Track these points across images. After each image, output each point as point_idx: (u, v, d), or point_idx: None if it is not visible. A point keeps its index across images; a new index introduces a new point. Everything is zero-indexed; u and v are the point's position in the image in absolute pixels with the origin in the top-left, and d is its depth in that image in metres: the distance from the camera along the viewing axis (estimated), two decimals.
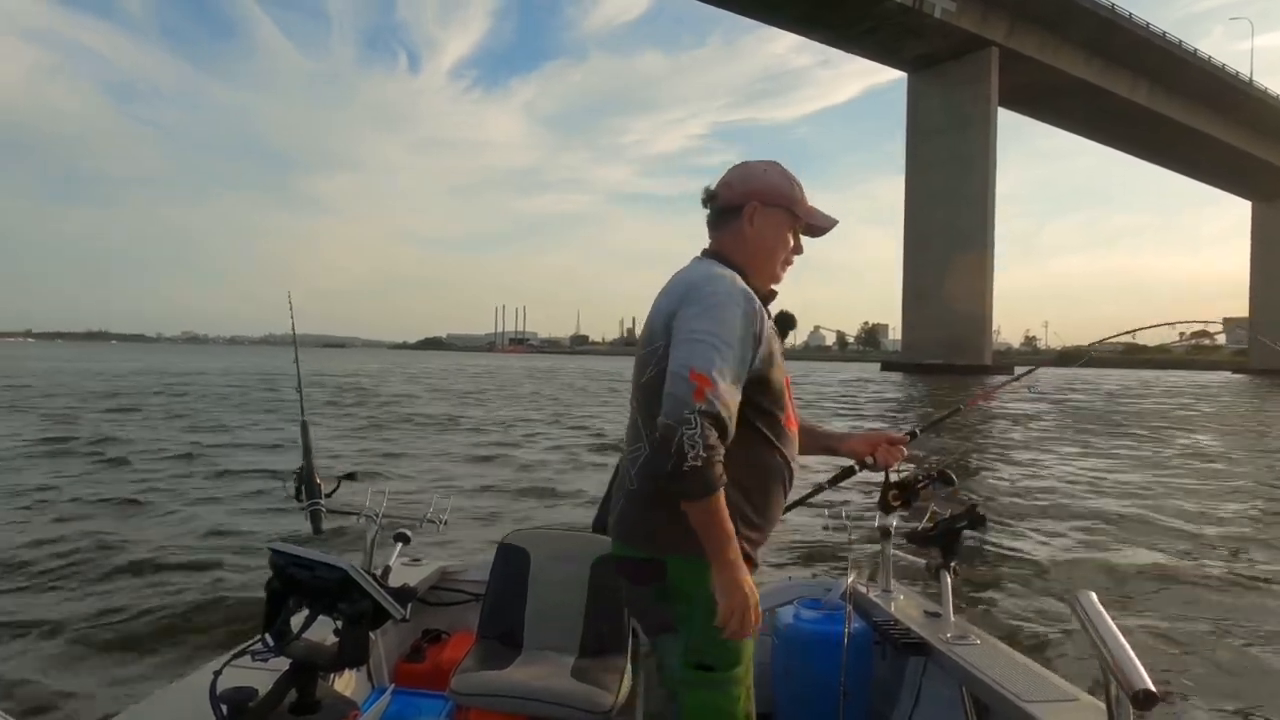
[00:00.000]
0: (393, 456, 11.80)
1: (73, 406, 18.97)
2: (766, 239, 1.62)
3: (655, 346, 1.50)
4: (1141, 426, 19.49)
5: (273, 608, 1.61)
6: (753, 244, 1.61)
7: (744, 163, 1.68)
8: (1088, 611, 1.25)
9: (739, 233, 1.61)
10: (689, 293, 1.48)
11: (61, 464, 10.09)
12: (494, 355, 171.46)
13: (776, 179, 1.63)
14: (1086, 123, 71.11)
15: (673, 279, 1.59)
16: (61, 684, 3.62)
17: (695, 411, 1.30)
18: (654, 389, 1.45)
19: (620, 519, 1.59)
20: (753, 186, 1.62)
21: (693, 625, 1.46)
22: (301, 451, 2.23)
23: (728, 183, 1.65)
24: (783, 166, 1.66)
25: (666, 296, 1.54)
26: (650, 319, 1.56)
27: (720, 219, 1.64)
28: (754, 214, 1.60)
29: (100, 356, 74.44)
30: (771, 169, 1.65)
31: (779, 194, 1.62)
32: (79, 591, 5.01)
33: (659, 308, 1.54)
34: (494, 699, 2.00)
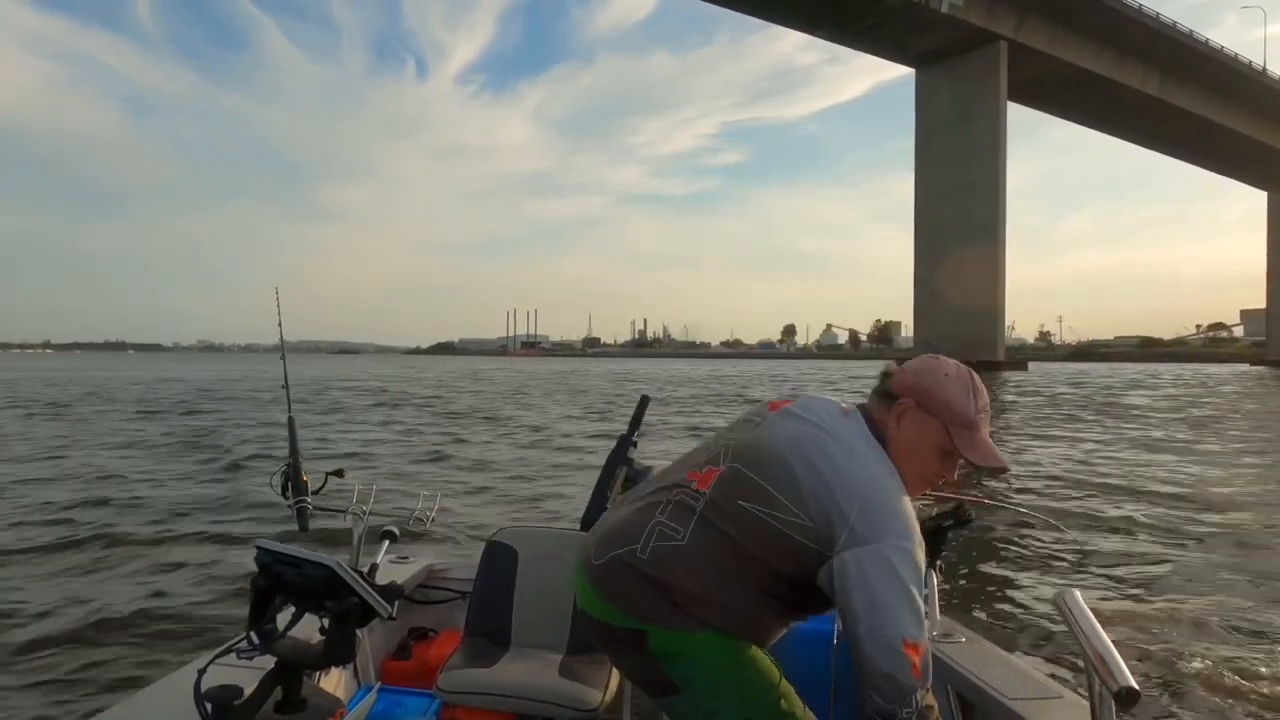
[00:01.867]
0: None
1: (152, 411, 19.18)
2: (909, 443, 1.45)
3: (798, 515, 1.36)
4: (1132, 420, 19.31)
5: (258, 605, 1.62)
6: (897, 443, 1.45)
7: (939, 358, 1.52)
8: (1072, 610, 1.26)
9: (888, 422, 1.47)
10: (886, 521, 1.33)
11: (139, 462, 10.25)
12: (507, 359, 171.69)
13: (951, 390, 1.45)
14: (1098, 116, 70.51)
15: (844, 452, 1.40)
16: (42, 682, 3.66)
17: (917, 701, 1.25)
18: (762, 531, 1.37)
19: (611, 577, 1.45)
20: (921, 382, 1.47)
21: (702, 686, 1.39)
22: (288, 448, 2.23)
23: (908, 367, 1.52)
24: (974, 381, 1.48)
25: (839, 483, 1.36)
26: (798, 472, 1.38)
27: (882, 398, 1.51)
28: (905, 411, 1.46)
29: (129, 365, 75.15)
30: (957, 377, 1.47)
31: (942, 405, 1.44)
32: (60, 587, 5.06)
33: (825, 486, 1.36)
34: (481, 697, 2.01)
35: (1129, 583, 5.39)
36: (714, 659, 1.38)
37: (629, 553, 1.43)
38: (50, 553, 5.93)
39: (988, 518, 7.40)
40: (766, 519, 1.37)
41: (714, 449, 1.53)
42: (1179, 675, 3.82)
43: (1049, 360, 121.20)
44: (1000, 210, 59.18)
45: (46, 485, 9.00)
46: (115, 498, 8.25)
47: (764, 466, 1.41)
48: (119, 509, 7.71)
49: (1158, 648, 4.16)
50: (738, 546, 1.39)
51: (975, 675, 1.94)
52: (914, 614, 1.28)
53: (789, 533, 1.36)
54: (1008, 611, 4.76)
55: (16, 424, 16.45)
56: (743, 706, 1.38)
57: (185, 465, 10.83)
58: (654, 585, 1.39)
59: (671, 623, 1.38)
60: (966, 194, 59.20)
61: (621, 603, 1.43)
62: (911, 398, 1.46)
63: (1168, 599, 5.03)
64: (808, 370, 66.98)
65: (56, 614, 4.53)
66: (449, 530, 6.48)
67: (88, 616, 4.50)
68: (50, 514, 7.39)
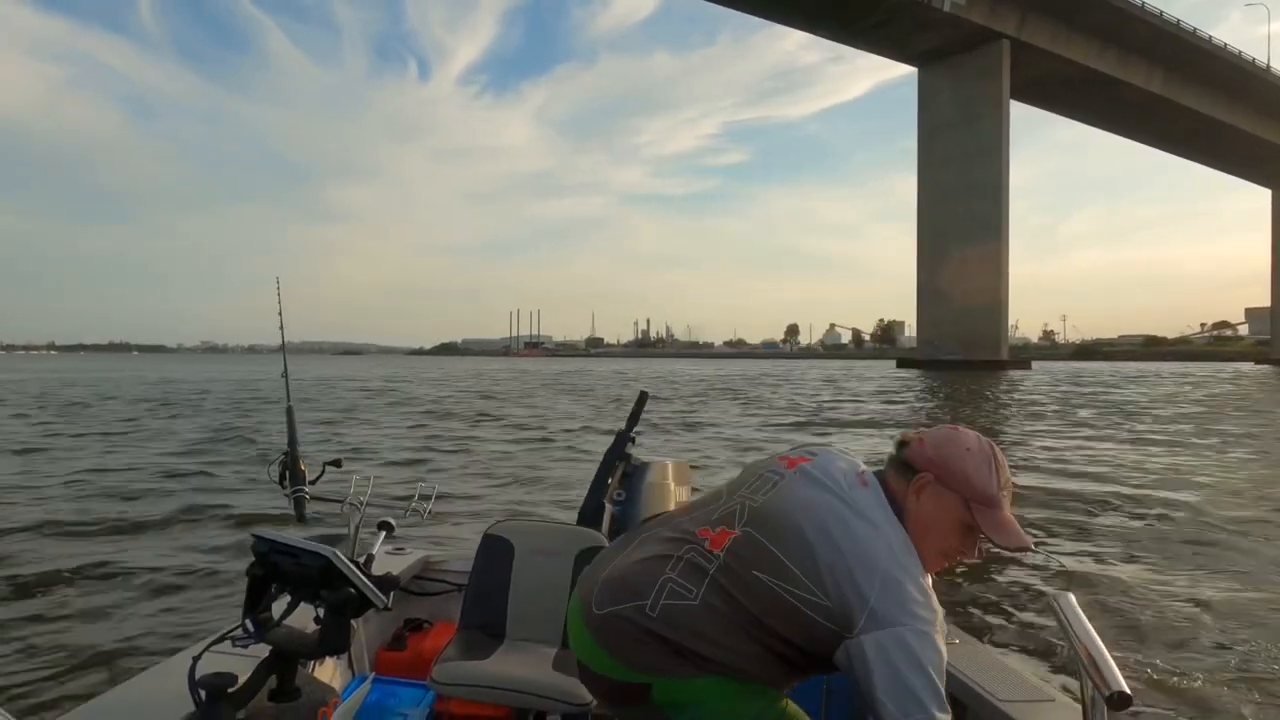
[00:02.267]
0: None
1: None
2: (928, 519, 1.40)
3: (813, 592, 1.32)
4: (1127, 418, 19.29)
5: (254, 594, 1.63)
6: (916, 518, 1.40)
7: (959, 429, 1.47)
8: (1066, 613, 1.26)
9: (903, 494, 1.42)
10: (906, 604, 1.29)
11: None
12: (510, 359, 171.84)
13: (972, 464, 1.39)
14: (1102, 114, 70.43)
15: (863, 530, 1.36)
16: (38, 666, 3.69)
17: None
18: (770, 600, 1.33)
19: (615, 631, 1.38)
20: (942, 456, 1.41)
21: None
22: (286, 438, 2.25)
23: (926, 439, 1.46)
24: (996, 455, 1.42)
25: (858, 563, 1.32)
26: (817, 548, 1.34)
27: (895, 466, 1.46)
28: (924, 486, 1.40)
29: (133, 367, 75.28)
30: (978, 450, 1.41)
31: (963, 481, 1.38)
32: (57, 575, 5.11)
33: (844, 563, 1.32)
34: (475, 689, 2.01)
35: (1122, 585, 5.39)
36: (718, 703, 1.35)
37: (636, 609, 1.37)
38: (56, 540, 6.00)
39: None
40: (781, 592, 1.33)
41: (728, 506, 1.48)
42: (1172, 678, 3.82)
43: (1053, 359, 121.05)
44: (1003, 209, 59.14)
45: (60, 478, 9.05)
46: (131, 488, 8.36)
47: (780, 537, 1.37)
48: (133, 498, 7.82)
49: (1151, 651, 4.16)
50: (750, 614, 1.35)
51: (968, 676, 1.93)
52: (937, 698, 1.25)
53: (805, 610, 1.32)
54: (1001, 613, 4.75)
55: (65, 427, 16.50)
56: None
57: (205, 459, 10.95)
58: (660, 640, 1.35)
59: (676, 672, 1.34)
60: (969, 193, 59.17)
61: (623, 656, 1.37)
62: (931, 472, 1.40)
63: (1162, 601, 5.02)
64: (811, 369, 66.92)
65: (49, 598, 4.59)
66: (446, 522, 6.51)
67: (81, 601, 4.55)
68: (68, 503, 7.50)
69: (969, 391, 31.38)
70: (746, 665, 1.36)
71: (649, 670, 1.35)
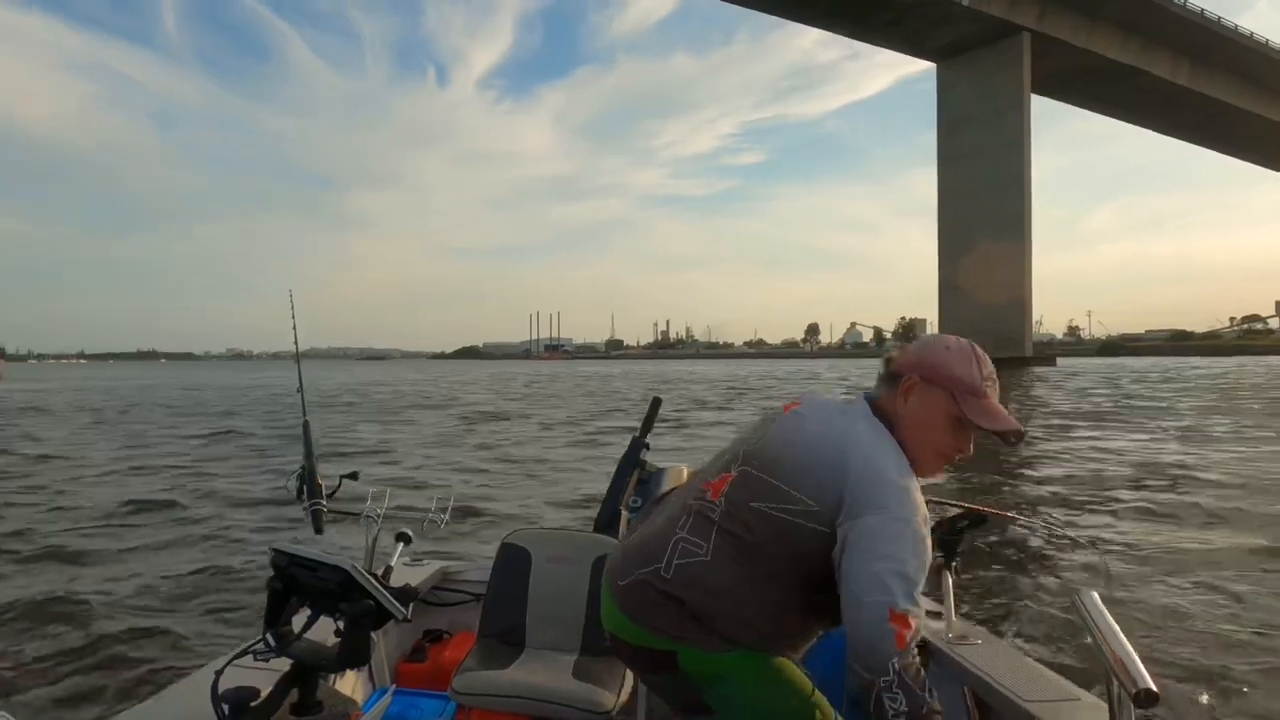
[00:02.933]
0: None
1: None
2: (917, 419, 1.44)
3: (806, 502, 1.36)
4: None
5: (274, 608, 1.65)
6: (906, 421, 1.45)
7: (939, 335, 1.53)
8: (1090, 610, 1.25)
9: (893, 400, 1.47)
10: (883, 493, 1.33)
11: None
12: (531, 363, 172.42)
13: (954, 360, 1.45)
14: (1126, 106, 69.41)
15: (844, 434, 1.41)
16: (62, 683, 3.74)
17: (897, 668, 1.21)
18: (776, 528, 1.37)
19: (637, 598, 1.44)
20: (924, 358, 1.47)
21: (738, 703, 1.38)
22: (304, 451, 2.26)
23: (908, 348, 1.52)
24: (976, 351, 1.47)
25: (840, 463, 1.37)
26: (802, 461, 1.40)
27: (888, 382, 1.50)
28: (911, 388, 1.45)
29: (167, 374, 76.43)
30: (957, 351, 1.46)
31: (947, 376, 1.43)
32: (81, 589, 5.17)
33: (827, 467, 1.37)
34: (495, 699, 2.02)
35: (1149, 581, 5.31)
36: (748, 680, 1.38)
37: (653, 573, 1.42)
38: (78, 552, 6.10)
39: (1002, 519, 7.30)
40: (779, 515, 1.37)
41: (726, 456, 1.53)
42: (1199, 676, 3.76)
43: (1078, 355, 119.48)
44: (1025, 204, 58.46)
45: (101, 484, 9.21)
46: (162, 498, 8.50)
47: (772, 465, 1.42)
48: (162, 509, 7.94)
49: (1178, 648, 4.10)
50: (758, 552, 1.38)
51: (991, 677, 1.92)
52: (906, 585, 1.26)
53: (801, 523, 1.36)
54: (1024, 613, 4.70)
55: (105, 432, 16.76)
56: (768, 703, 1.38)
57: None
58: (678, 604, 1.38)
59: (700, 642, 1.37)
60: (991, 188, 58.57)
61: (647, 622, 1.42)
62: (916, 373, 1.46)
63: (1191, 597, 4.95)
64: (830, 370, 66.52)
65: (74, 614, 4.64)
66: (462, 532, 6.53)
67: (105, 617, 4.61)
68: (94, 514, 7.63)
69: None
70: (759, 622, 1.39)
71: (671, 636, 1.39)
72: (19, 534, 6.84)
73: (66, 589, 5.17)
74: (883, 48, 62.87)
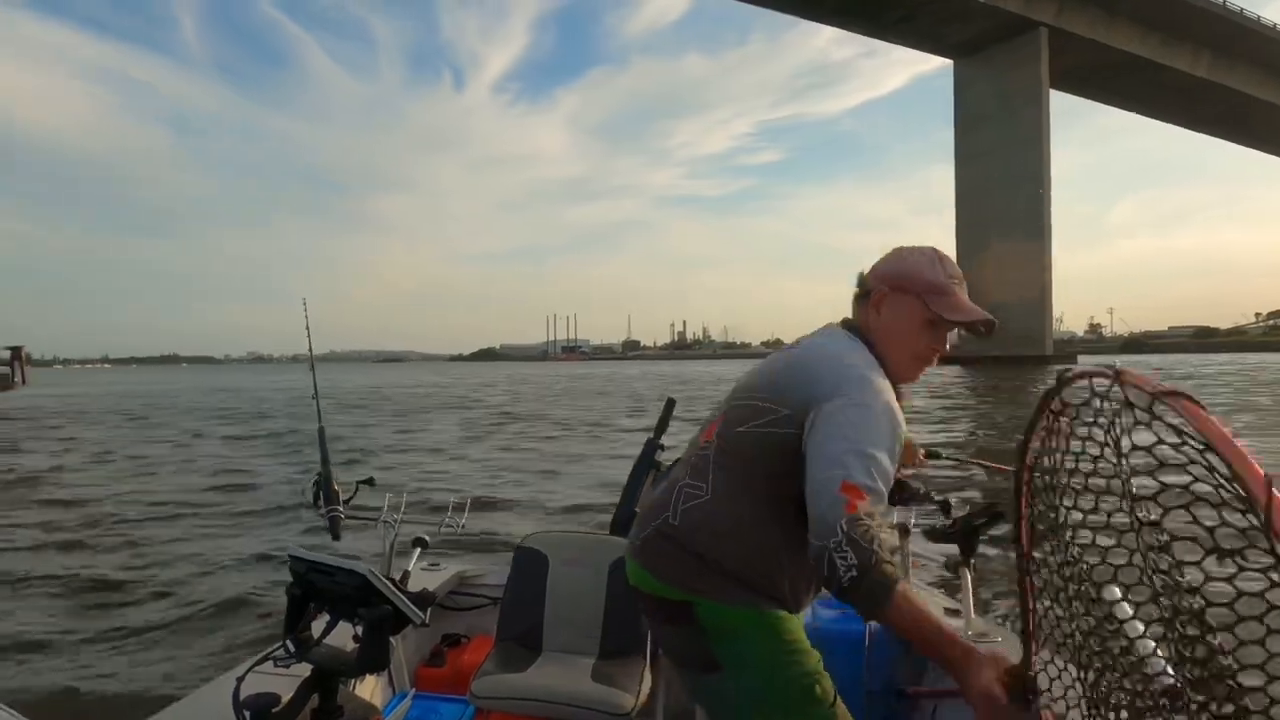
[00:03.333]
0: None
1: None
2: (890, 327, 1.50)
3: (778, 409, 1.41)
4: None
5: (293, 614, 1.66)
6: (880, 332, 1.50)
7: (899, 247, 1.58)
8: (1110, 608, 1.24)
9: (871, 315, 1.53)
10: (842, 381, 1.37)
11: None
12: (548, 364, 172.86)
13: (917, 265, 1.51)
14: (1146, 100, 68.63)
15: (815, 347, 1.50)
16: (85, 691, 3.79)
17: (845, 528, 1.20)
18: (757, 445, 1.42)
19: (650, 550, 1.51)
20: (889, 268, 1.53)
21: (743, 662, 1.41)
22: (320, 458, 2.28)
23: (878, 264, 1.56)
24: (938, 254, 1.53)
25: (808, 363, 1.45)
26: (783, 374, 1.47)
27: (859, 301, 1.56)
28: (881, 299, 1.51)
29: (196, 379, 77.35)
30: (920, 255, 1.52)
31: (913, 280, 1.49)
32: (101, 595, 5.27)
33: (799, 368, 1.45)
34: (514, 702, 2.03)
35: None
36: (759, 637, 1.41)
37: (663, 522, 1.49)
38: (93, 560, 6.20)
39: None
40: (762, 431, 1.42)
41: (719, 404, 1.60)
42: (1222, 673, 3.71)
43: (1099, 353, 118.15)
44: (1045, 200, 57.94)
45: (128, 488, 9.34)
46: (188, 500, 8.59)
47: (752, 390, 1.50)
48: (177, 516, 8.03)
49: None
50: (751, 480, 1.43)
51: None
52: (862, 462, 1.26)
53: (778, 431, 1.40)
54: None
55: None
56: (786, 688, 1.40)
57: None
58: (689, 551, 1.44)
59: (715, 594, 1.41)
60: (1009, 185, 58.11)
61: (659, 573, 1.48)
62: (884, 284, 1.51)
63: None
64: None
65: (97, 623, 4.71)
66: (479, 536, 6.54)
67: (128, 626, 4.66)
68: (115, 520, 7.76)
69: (1012, 387, 30.77)
70: (761, 562, 1.42)
71: (684, 587, 1.44)
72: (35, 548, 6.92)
73: (87, 597, 5.25)
74: (900, 45, 62.53)
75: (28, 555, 6.46)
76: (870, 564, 1.17)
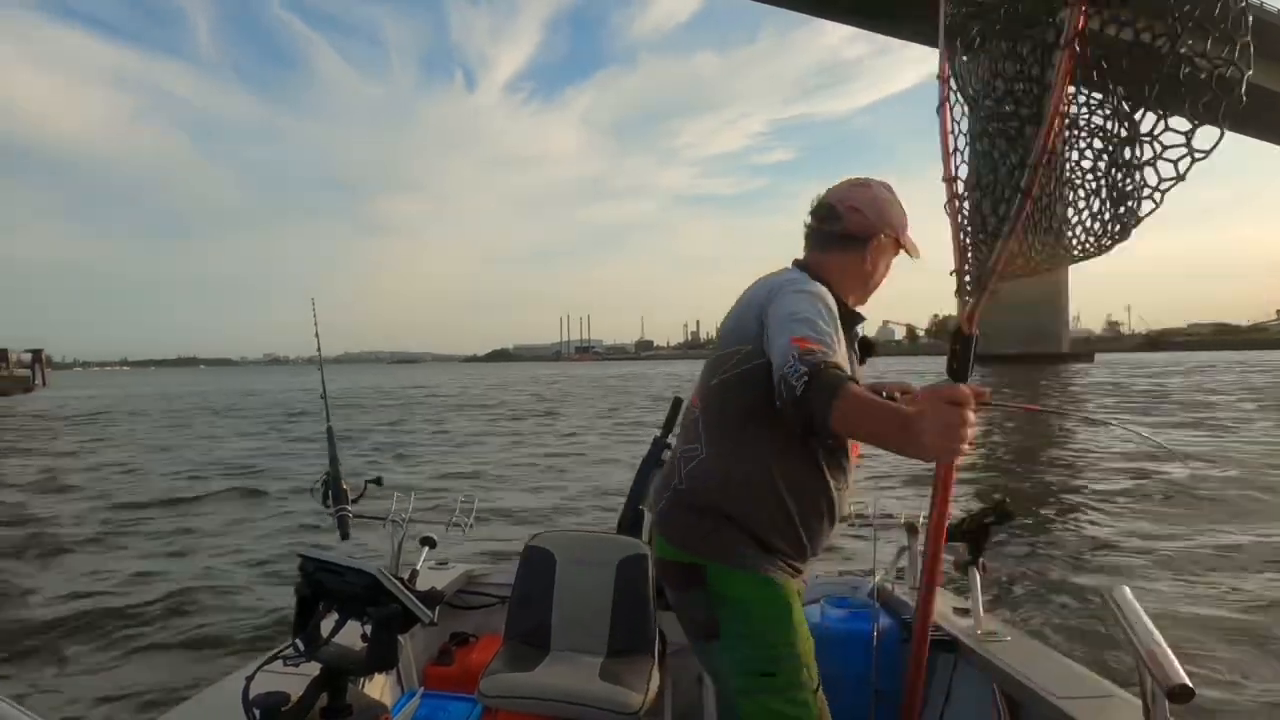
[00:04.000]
0: None
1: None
2: (879, 271, 1.61)
3: (740, 348, 1.49)
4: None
5: (302, 613, 1.67)
6: (866, 276, 1.60)
7: (866, 183, 1.62)
8: (1123, 607, 1.24)
9: (855, 262, 1.57)
10: (782, 288, 1.47)
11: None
12: (562, 365, 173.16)
13: (894, 209, 1.61)
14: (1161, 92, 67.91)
15: (760, 282, 1.57)
16: (96, 690, 3.83)
17: (795, 357, 1.25)
18: (731, 388, 1.49)
19: (665, 518, 1.58)
20: (882, 217, 1.58)
21: (741, 632, 1.45)
22: (328, 458, 2.30)
23: (856, 207, 1.57)
24: (888, 185, 1.64)
25: (755, 296, 1.52)
26: (738, 316, 1.54)
27: (836, 242, 1.58)
28: (879, 247, 1.58)
29: (216, 380, 78.10)
30: (891, 195, 1.61)
31: (897, 226, 1.60)
32: (113, 599, 5.29)
33: (748, 305, 1.52)
34: (522, 700, 2.04)
35: (1181, 578, 5.21)
36: (761, 609, 1.46)
37: (674, 490, 1.56)
38: (103, 564, 6.27)
39: (1030, 514, 7.19)
40: (735, 375, 1.49)
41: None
42: (1235, 672, 3.68)
43: (1117, 351, 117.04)
44: None
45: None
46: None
47: (718, 348, 1.58)
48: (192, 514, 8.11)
49: (1212, 643, 4.03)
50: (737, 424, 1.49)
51: (1022, 674, 1.89)
52: (807, 325, 1.34)
53: (747, 367, 1.46)
54: (1054, 609, 4.64)
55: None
56: (775, 667, 1.44)
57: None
58: (698, 511, 1.50)
59: (724, 558, 1.47)
60: None
61: (673, 538, 1.54)
62: (882, 230, 1.58)
63: (1224, 593, 4.87)
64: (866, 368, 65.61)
65: (107, 624, 4.75)
66: (487, 535, 6.57)
67: (138, 625, 4.71)
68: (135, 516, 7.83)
69: (1024, 382, 30.55)
70: (759, 510, 1.47)
71: (696, 551, 1.50)
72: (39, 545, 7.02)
73: (98, 597, 5.30)
74: (912, 42, 62.12)
75: (34, 554, 6.53)
76: (819, 368, 1.23)
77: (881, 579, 2.50)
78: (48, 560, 6.30)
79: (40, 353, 36.42)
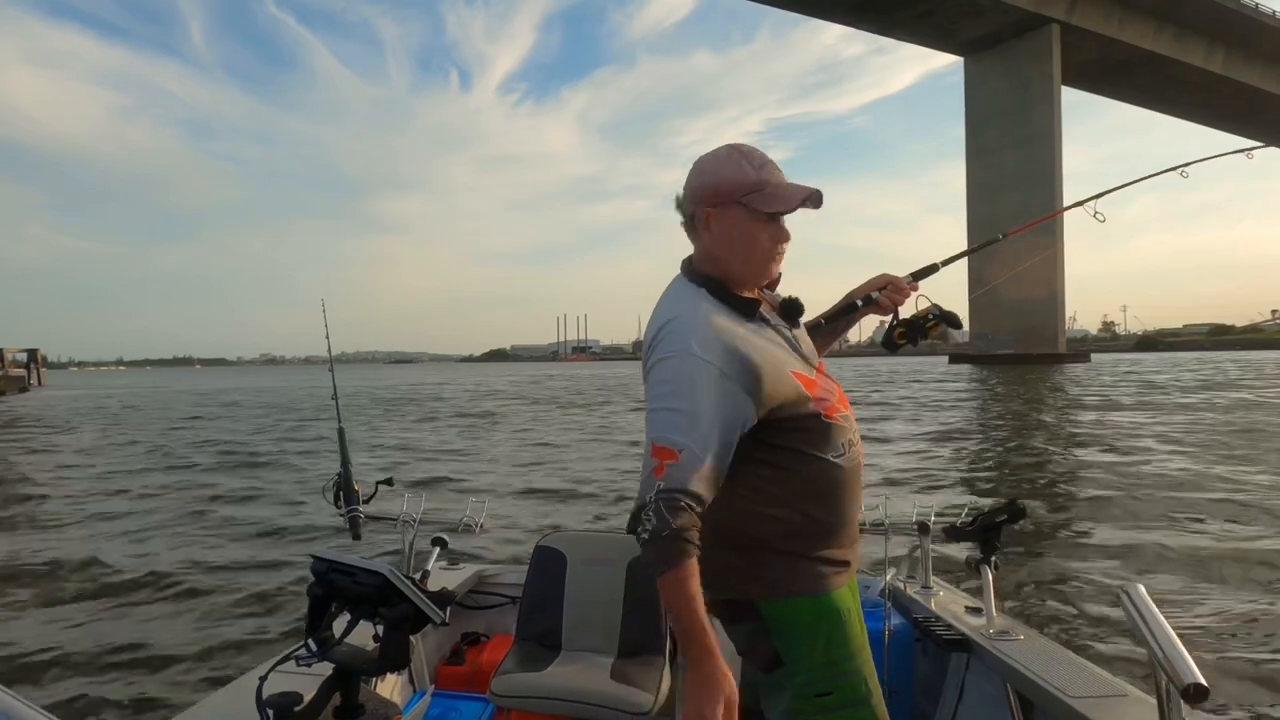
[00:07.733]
0: None
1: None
2: (731, 241, 1.41)
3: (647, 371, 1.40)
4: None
5: (315, 613, 1.66)
6: (718, 251, 1.43)
7: (698, 159, 1.47)
8: (1137, 605, 1.22)
9: (714, 245, 1.43)
10: (658, 336, 1.36)
11: None
12: (559, 365, 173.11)
13: (723, 171, 1.41)
14: (1159, 96, 68.08)
15: (658, 305, 1.46)
16: (110, 691, 3.82)
17: (654, 496, 1.23)
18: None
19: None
20: (697, 186, 1.43)
21: (799, 655, 1.40)
22: (339, 458, 2.28)
23: (690, 187, 1.46)
24: (737, 149, 1.43)
25: (651, 325, 1.42)
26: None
27: (693, 232, 1.47)
28: (705, 222, 1.42)
29: (214, 381, 77.85)
30: (720, 161, 1.42)
31: (727, 189, 1.40)
32: (124, 600, 5.30)
33: (646, 332, 1.43)
34: (534, 700, 2.04)
35: (1196, 576, 5.21)
36: (819, 632, 1.39)
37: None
38: (120, 563, 6.24)
39: (1043, 512, 7.19)
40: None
41: None
42: (1249, 671, 3.67)
43: (1113, 351, 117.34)
44: (1056, 197, 57.50)
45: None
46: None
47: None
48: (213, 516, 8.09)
49: (1228, 642, 4.02)
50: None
51: (1035, 673, 1.89)
52: (666, 419, 1.26)
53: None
54: (1069, 607, 4.63)
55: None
56: (841, 688, 1.39)
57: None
58: (715, 550, 1.36)
59: (773, 590, 1.39)
60: (1021, 182, 57.76)
61: (717, 582, 1.40)
62: (701, 205, 1.42)
63: (1237, 592, 4.87)
64: (859, 365, 65.95)
65: (121, 624, 4.77)
66: (498, 536, 6.56)
67: (151, 626, 4.72)
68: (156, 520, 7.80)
69: (1023, 381, 30.59)
70: (775, 523, 1.38)
71: (739, 593, 1.40)
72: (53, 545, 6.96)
73: (109, 598, 5.30)
74: (910, 42, 62.22)
75: (45, 554, 6.52)
76: (662, 535, 1.20)
77: (892, 578, 2.50)
78: (56, 563, 6.27)
79: (36, 352, 36.38)
